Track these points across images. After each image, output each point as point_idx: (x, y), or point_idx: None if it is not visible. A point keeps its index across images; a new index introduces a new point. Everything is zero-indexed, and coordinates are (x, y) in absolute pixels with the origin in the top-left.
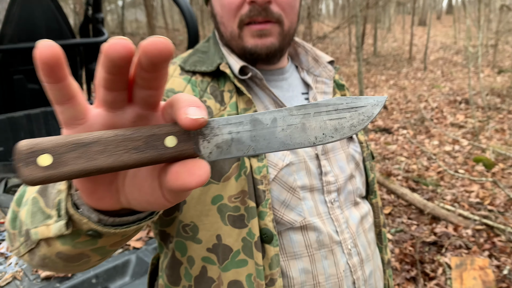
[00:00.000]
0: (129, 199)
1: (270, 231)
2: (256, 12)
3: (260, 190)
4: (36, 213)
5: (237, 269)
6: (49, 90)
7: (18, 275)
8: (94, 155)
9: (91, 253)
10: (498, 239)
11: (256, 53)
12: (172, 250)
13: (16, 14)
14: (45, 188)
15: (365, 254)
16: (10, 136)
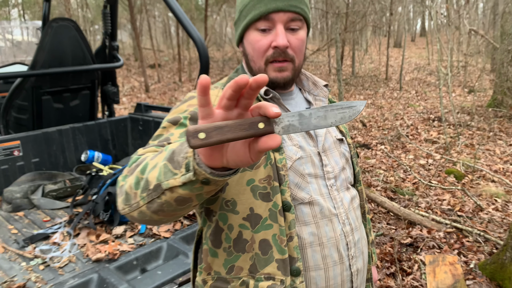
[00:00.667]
0: (228, 160)
1: (289, 202)
2: (277, 54)
3: (281, 174)
4: (167, 173)
5: (266, 231)
6: (199, 99)
7: (72, 259)
8: (225, 132)
9: (195, 198)
10: (466, 239)
11: (276, 82)
12: (216, 221)
13: (48, 43)
14: (172, 157)
15: (354, 225)
16: (45, 149)
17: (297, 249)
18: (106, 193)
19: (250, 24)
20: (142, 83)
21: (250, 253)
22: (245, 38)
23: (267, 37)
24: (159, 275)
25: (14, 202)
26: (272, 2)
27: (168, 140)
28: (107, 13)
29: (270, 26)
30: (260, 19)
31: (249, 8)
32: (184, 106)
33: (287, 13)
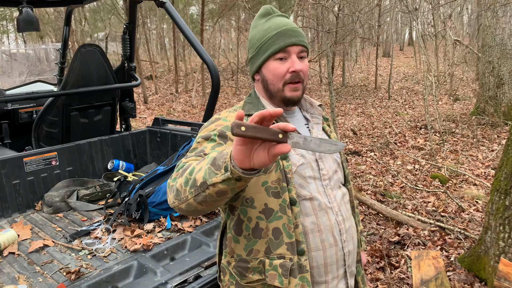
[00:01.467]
0: (254, 163)
1: (294, 198)
2: (294, 77)
3: (288, 177)
4: (211, 173)
5: (277, 221)
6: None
7: (113, 250)
8: (257, 131)
9: (229, 191)
10: (448, 237)
11: (292, 99)
12: (238, 215)
13: (76, 66)
14: (214, 162)
15: (345, 216)
16: (77, 159)
17: (302, 235)
18: (137, 196)
19: (271, 56)
20: (141, 94)
21: (265, 238)
22: (264, 67)
23: (285, 65)
24: (187, 261)
25: (54, 205)
26: (287, 39)
27: (203, 151)
28: (126, 38)
29: (286, 56)
30: (280, 51)
31: (269, 44)
32: (213, 126)
33: (299, 46)
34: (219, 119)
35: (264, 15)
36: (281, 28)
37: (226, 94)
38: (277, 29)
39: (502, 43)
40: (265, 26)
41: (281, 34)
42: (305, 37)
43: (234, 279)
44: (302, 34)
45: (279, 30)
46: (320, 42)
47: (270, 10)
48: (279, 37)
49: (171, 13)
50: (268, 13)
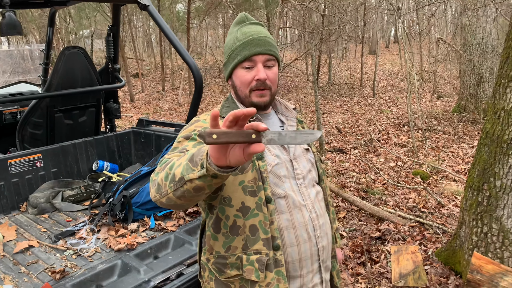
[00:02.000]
0: (230, 160)
1: (270, 197)
2: (259, 84)
3: (264, 176)
4: (188, 169)
5: (254, 218)
6: (211, 123)
7: (98, 249)
8: (230, 137)
9: (206, 187)
10: (427, 232)
11: (258, 105)
12: (216, 213)
13: (61, 68)
14: (192, 158)
15: (319, 213)
16: (62, 160)
17: (277, 231)
18: (121, 196)
19: (238, 64)
20: (127, 93)
21: (242, 235)
22: (234, 74)
23: (250, 73)
24: (170, 259)
25: (39, 206)
26: (253, 48)
27: (185, 149)
28: (110, 40)
29: (252, 65)
30: (245, 60)
31: (237, 52)
32: (193, 127)
33: (264, 55)
34: (199, 121)
35: (238, 22)
36: (248, 37)
37: (213, 92)
38: (245, 38)
39: (482, 42)
40: (236, 35)
41: (248, 44)
42: (275, 46)
43: (213, 275)
44: (270, 43)
45: (246, 40)
46: (305, 40)
47: (244, 18)
48: (245, 46)
49: (154, 16)
50: (242, 21)
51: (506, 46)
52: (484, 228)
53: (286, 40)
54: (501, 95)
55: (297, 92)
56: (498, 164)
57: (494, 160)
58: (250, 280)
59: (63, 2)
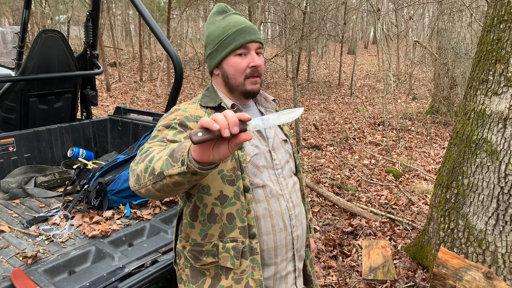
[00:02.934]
0: (214, 156)
1: (248, 186)
2: (254, 71)
3: (243, 166)
4: (168, 165)
5: (231, 207)
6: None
7: (71, 235)
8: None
9: (186, 183)
10: (397, 228)
11: (253, 92)
12: (194, 201)
13: (37, 51)
14: (172, 154)
15: (295, 202)
16: (35, 145)
17: (254, 220)
18: (97, 183)
19: (231, 52)
20: (103, 81)
21: (220, 223)
22: (225, 62)
23: (245, 60)
24: (145, 247)
25: (10, 192)
26: (247, 36)
27: (165, 137)
28: (89, 25)
29: (246, 52)
30: (240, 47)
31: (230, 40)
32: (173, 116)
33: (256, 43)
34: (179, 109)
35: (220, 12)
36: (241, 25)
37: (192, 84)
38: (237, 26)
39: (457, 46)
40: (223, 23)
41: (241, 31)
42: (260, 34)
43: (189, 262)
44: (258, 31)
45: (239, 28)
46: (286, 37)
47: (226, 8)
48: (239, 33)
49: (135, 3)
50: (224, 11)
51: (478, 50)
52: (451, 224)
53: (267, 36)
54: (471, 97)
55: (276, 88)
56: (467, 163)
57: (463, 159)
58: (225, 267)
59: None
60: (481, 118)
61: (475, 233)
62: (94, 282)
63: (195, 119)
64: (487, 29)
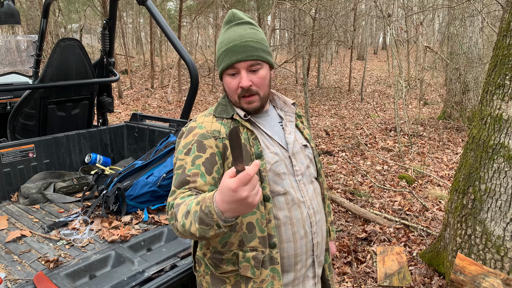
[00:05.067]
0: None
1: (268, 195)
2: (244, 91)
3: (263, 175)
4: (205, 230)
5: (251, 216)
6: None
7: (91, 240)
8: None
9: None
10: (411, 234)
11: (248, 111)
12: None
13: (56, 59)
14: (203, 221)
15: (316, 209)
16: (54, 151)
17: (274, 229)
18: (115, 189)
19: (223, 71)
20: (115, 88)
21: (239, 232)
22: (223, 79)
23: (235, 80)
24: (164, 252)
25: (30, 197)
26: (234, 56)
27: (185, 170)
28: (106, 34)
29: (236, 71)
30: (228, 68)
31: (220, 60)
32: (190, 137)
33: (246, 61)
34: (195, 127)
35: (226, 22)
36: (229, 44)
37: (203, 91)
38: (227, 45)
39: (469, 51)
40: (222, 38)
41: (229, 51)
42: (259, 49)
43: (209, 270)
44: (252, 47)
45: (227, 47)
46: (296, 43)
47: (232, 17)
48: (227, 54)
49: (152, 11)
50: (230, 21)
51: (494, 55)
52: (468, 230)
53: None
54: (488, 102)
55: (287, 94)
56: (484, 169)
57: (480, 165)
58: (245, 276)
59: None
60: (497, 123)
61: (493, 239)
62: (115, 286)
63: (212, 134)
64: (503, 33)
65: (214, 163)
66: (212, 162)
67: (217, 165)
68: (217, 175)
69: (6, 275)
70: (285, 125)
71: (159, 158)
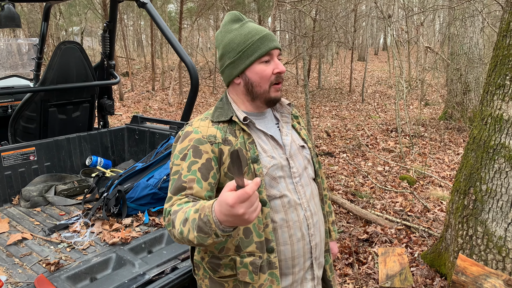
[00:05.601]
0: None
1: (264, 200)
2: (279, 78)
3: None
4: (203, 238)
5: None
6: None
7: (92, 242)
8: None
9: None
10: (413, 235)
11: (277, 99)
12: None
13: (56, 62)
14: (201, 229)
15: (313, 211)
16: (55, 154)
17: (271, 233)
18: (116, 191)
19: (256, 59)
20: (116, 91)
21: (236, 237)
22: (250, 70)
23: (269, 67)
24: (164, 254)
25: (32, 200)
26: (271, 43)
27: (183, 183)
28: (106, 36)
29: (270, 59)
30: (266, 55)
31: (254, 47)
32: (186, 142)
33: (277, 50)
34: (191, 132)
35: (235, 20)
36: (263, 33)
37: (204, 93)
38: (259, 34)
39: (470, 51)
40: (244, 31)
41: (265, 38)
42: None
43: (208, 274)
44: (276, 39)
45: (262, 35)
46: (297, 44)
47: (240, 16)
48: (263, 41)
49: (152, 14)
50: (240, 19)
51: (494, 55)
52: (469, 231)
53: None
54: (488, 102)
55: (287, 95)
56: (484, 169)
57: (481, 165)
58: (243, 282)
59: None
60: (498, 124)
61: (495, 239)
62: None
63: (208, 139)
64: (503, 34)
65: (210, 168)
66: (208, 167)
67: (213, 170)
68: (214, 181)
69: (7, 278)
70: (281, 126)
71: (160, 160)
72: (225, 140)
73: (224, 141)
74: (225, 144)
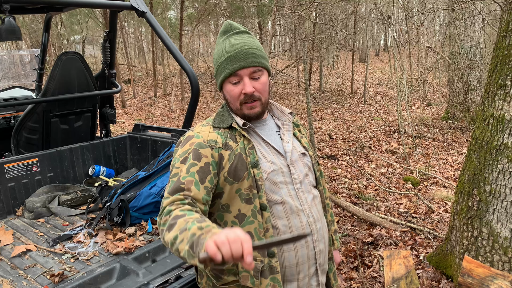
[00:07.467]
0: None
1: (265, 204)
2: (247, 98)
3: (259, 184)
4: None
5: (249, 225)
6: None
7: (96, 253)
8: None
9: None
10: (418, 237)
11: (250, 117)
12: (214, 219)
13: (57, 73)
14: (192, 246)
15: (316, 217)
16: (58, 165)
17: (272, 238)
18: (119, 200)
19: (225, 79)
20: (118, 98)
21: None
22: (223, 87)
23: (238, 87)
24: (168, 263)
25: (35, 211)
26: (236, 63)
27: (179, 178)
28: (106, 46)
29: (239, 79)
30: (231, 75)
31: (222, 68)
32: (187, 146)
33: (249, 68)
34: (192, 136)
35: (223, 32)
36: (231, 52)
37: (205, 98)
38: (228, 53)
39: (470, 51)
40: (221, 48)
41: (231, 59)
42: (260, 56)
43: (211, 281)
44: (254, 54)
45: (229, 55)
46: (297, 48)
47: (229, 27)
48: (229, 61)
49: (151, 22)
50: (227, 31)
51: (495, 55)
52: (474, 232)
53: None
54: (490, 102)
55: (289, 99)
56: (488, 170)
57: (484, 166)
58: (246, 286)
59: (59, 8)
60: (500, 124)
61: (500, 240)
62: None
63: (208, 143)
64: (502, 34)
65: (207, 172)
66: (206, 171)
67: (211, 174)
68: (210, 185)
69: None
70: (282, 134)
71: (162, 169)
72: (225, 145)
73: (225, 146)
74: (225, 149)
